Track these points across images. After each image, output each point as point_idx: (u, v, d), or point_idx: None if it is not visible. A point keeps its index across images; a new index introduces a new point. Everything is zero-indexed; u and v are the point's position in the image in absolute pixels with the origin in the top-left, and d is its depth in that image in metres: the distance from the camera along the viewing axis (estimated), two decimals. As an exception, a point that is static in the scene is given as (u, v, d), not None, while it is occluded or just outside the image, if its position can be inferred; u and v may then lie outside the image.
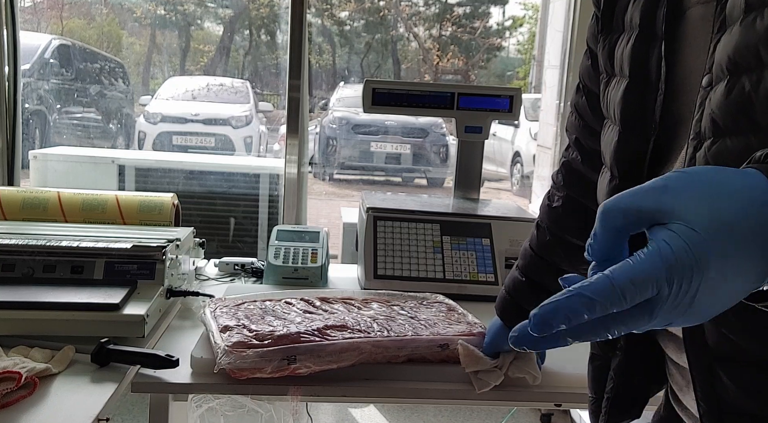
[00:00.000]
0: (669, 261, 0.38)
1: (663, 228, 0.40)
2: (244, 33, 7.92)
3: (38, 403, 0.86)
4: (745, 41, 0.49)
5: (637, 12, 0.65)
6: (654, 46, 0.62)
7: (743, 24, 0.49)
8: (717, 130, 0.51)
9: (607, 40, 0.72)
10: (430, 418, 2.59)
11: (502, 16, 9.24)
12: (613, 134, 0.68)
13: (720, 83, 0.51)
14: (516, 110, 1.80)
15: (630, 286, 0.38)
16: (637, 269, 0.38)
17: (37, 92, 4.90)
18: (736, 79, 0.50)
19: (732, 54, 0.50)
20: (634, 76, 0.65)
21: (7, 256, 1.12)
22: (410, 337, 1.03)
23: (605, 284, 0.38)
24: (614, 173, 0.67)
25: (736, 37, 0.50)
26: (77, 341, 1.01)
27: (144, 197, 1.47)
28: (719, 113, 0.51)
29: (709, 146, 0.52)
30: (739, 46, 0.49)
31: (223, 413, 1.08)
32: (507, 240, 1.50)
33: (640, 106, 0.64)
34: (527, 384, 1.00)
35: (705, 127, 0.53)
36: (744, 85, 0.49)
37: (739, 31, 0.50)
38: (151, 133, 5.78)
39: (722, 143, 0.51)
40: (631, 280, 0.38)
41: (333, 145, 7.02)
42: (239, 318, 1.06)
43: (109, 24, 7.10)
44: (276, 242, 1.54)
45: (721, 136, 0.51)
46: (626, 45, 0.66)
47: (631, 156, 0.65)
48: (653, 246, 0.39)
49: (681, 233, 0.38)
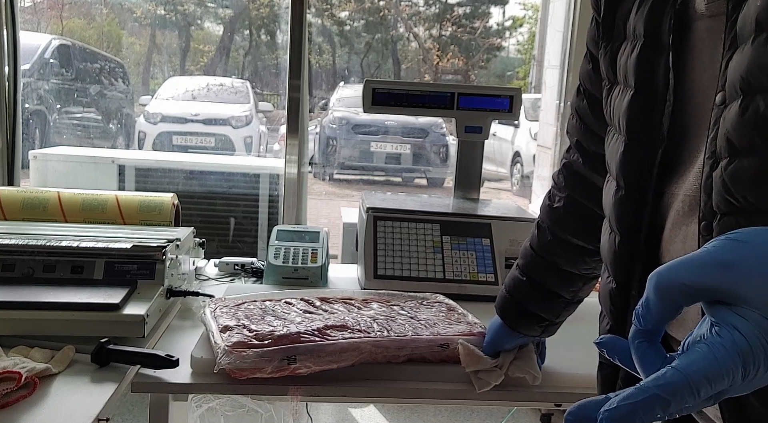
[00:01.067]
0: (744, 352, 0.37)
1: (731, 311, 0.38)
2: (244, 33, 7.92)
3: (38, 403, 0.86)
4: (757, 62, 0.49)
5: (641, 21, 0.64)
6: (660, 56, 0.62)
7: (755, 44, 0.49)
8: (732, 150, 0.51)
9: (609, 47, 0.72)
10: (430, 418, 2.59)
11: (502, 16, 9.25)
12: (619, 145, 0.67)
13: (734, 102, 0.51)
14: (516, 110, 1.80)
15: (705, 383, 0.37)
16: (713, 364, 0.37)
17: (37, 92, 4.90)
18: (750, 99, 0.50)
19: (745, 74, 0.50)
20: (640, 87, 0.64)
21: (7, 256, 1.12)
22: (410, 337, 1.03)
23: (681, 382, 0.37)
24: (620, 184, 0.67)
25: (748, 57, 0.50)
26: (77, 341, 1.01)
27: (144, 197, 1.47)
28: (734, 133, 0.51)
29: (725, 166, 0.52)
30: (751, 67, 0.49)
31: (223, 413, 1.08)
32: (507, 240, 1.50)
33: (647, 116, 0.64)
34: (527, 384, 1.00)
35: (720, 146, 0.53)
36: (759, 106, 0.49)
37: (751, 51, 0.49)
38: (151, 133, 5.78)
39: (738, 163, 0.51)
40: (706, 377, 0.37)
41: (333, 145, 7.02)
42: (239, 318, 1.06)
43: (109, 24, 7.10)
44: (276, 242, 1.54)
45: (737, 156, 0.51)
46: (631, 54, 0.66)
47: (637, 167, 0.65)
48: (725, 335, 0.37)
49: (753, 321, 0.37)
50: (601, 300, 0.73)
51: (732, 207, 0.51)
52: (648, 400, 0.37)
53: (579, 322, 0.94)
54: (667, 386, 0.37)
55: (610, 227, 0.70)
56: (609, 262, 0.69)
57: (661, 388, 0.37)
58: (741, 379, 0.37)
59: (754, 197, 0.50)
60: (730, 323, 0.38)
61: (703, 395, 0.37)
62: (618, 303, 0.68)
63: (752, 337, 0.37)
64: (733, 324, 0.38)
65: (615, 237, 0.68)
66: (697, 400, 0.37)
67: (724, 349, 0.37)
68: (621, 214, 0.67)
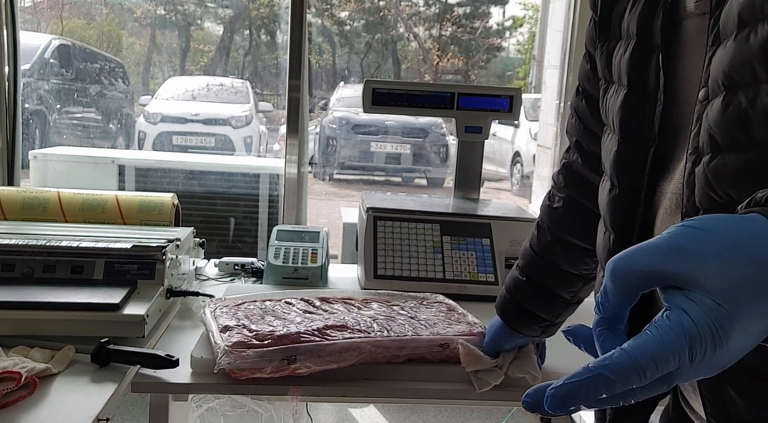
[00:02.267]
0: (691, 335, 0.37)
1: (681, 295, 0.39)
2: (244, 33, 7.92)
3: (38, 403, 0.86)
4: (739, 57, 0.49)
5: (633, 20, 0.65)
6: (652, 55, 0.62)
7: (737, 39, 0.49)
8: (715, 146, 0.51)
9: (605, 47, 0.72)
10: (430, 418, 2.59)
11: (502, 16, 9.25)
12: (613, 144, 0.68)
13: (716, 98, 0.51)
14: (516, 110, 1.80)
15: (651, 364, 0.37)
16: (659, 346, 0.37)
17: (37, 92, 4.90)
18: (732, 94, 0.50)
19: (727, 69, 0.50)
20: (632, 86, 0.64)
21: (7, 256, 1.12)
22: (410, 337, 1.03)
23: (626, 363, 0.37)
24: (614, 183, 0.67)
25: (730, 53, 0.50)
26: (77, 341, 1.01)
27: (144, 197, 1.47)
28: (717, 129, 0.51)
29: (708, 161, 0.52)
30: (733, 62, 0.49)
31: (223, 413, 1.08)
32: (507, 240, 1.50)
33: (639, 115, 0.64)
34: (527, 384, 1.00)
35: (703, 142, 0.53)
36: (741, 101, 0.49)
37: (734, 47, 0.49)
38: (151, 133, 5.78)
39: (721, 159, 0.51)
40: (652, 358, 0.37)
41: (333, 145, 7.02)
42: (239, 318, 1.06)
43: (109, 24, 7.10)
44: (276, 242, 1.54)
45: (720, 151, 0.51)
46: (624, 53, 0.66)
47: (630, 166, 0.65)
48: (674, 317, 0.38)
49: (702, 304, 0.38)
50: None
51: (714, 202, 0.52)
52: (593, 379, 0.38)
53: (578, 322, 0.94)
54: (613, 366, 0.38)
55: (605, 226, 0.70)
56: (604, 261, 0.69)
57: (607, 369, 0.38)
58: (689, 362, 0.37)
59: (735, 193, 0.50)
60: (680, 307, 0.38)
61: (650, 376, 0.37)
62: None
63: (700, 320, 0.37)
64: (683, 307, 0.38)
65: (609, 236, 0.68)
66: (643, 381, 0.37)
67: (672, 331, 0.37)
68: (615, 213, 0.67)
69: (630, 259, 0.41)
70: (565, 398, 0.38)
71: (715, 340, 0.37)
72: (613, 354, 0.38)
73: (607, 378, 0.37)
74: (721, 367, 0.39)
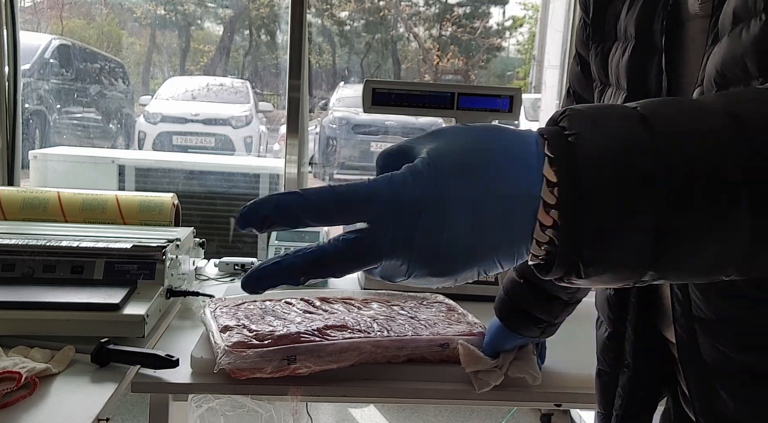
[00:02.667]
0: (394, 186, 0.35)
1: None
2: (244, 33, 7.92)
3: (38, 403, 0.86)
4: (731, 53, 0.48)
5: (632, 22, 0.64)
6: (653, 58, 0.61)
7: (731, 35, 0.48)
8: None
9: (600, 49, 0.71)
10: (430, 418, 2.59)
11: (502, 16, 9.25)
12: None
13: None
14: (516, 110, 1.80)
15: (350, 193, 0.36)
16: (361, 186, 0.36)
17: (37, 92, 4.90)
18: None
19: (720, 67, 0.49)
20: (632, 89, 0.64)
21: (7, 256, 1.12)
22: (410, 337, 1.03)
23: (325, 188, 0.36)
24: None
25: (723, 50, 0.49)
26: (77, 341, 1.01)
27: (144, 197, 1.47)
28: None
29: None
30: (726, 59, 0.48)
31: (223, 413, 1.08)
32: (507, 240, 1.50)
33: None
34: (527, 384, 1.00)
35: None
36: None
37: (727, 43, 0.49)
38: (151, 133, 5.78)
39: None
40: (353, 191, 0.36)
41: (333, 145, 7.01)
42: (239, 318, 1.07)
43: (109, 24, 7.11)
44: (276, 242, 1.54)
45: None
46: (622, 56, 0.65)
47: None
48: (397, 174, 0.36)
49: (414, 165, 0.36)
50: (599, 307, 0.73)
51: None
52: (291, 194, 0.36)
53: (578, 322, 0.94)
54: (313, 188, 0.36)
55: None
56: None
57: (308, 190, 0.36)
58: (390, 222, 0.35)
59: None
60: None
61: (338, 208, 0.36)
62: (615, 309, 0.68)
63: (404, 177, 0.36)
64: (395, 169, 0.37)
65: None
66: (331, 208, 0.36)
67: (374, 181, 0.36)
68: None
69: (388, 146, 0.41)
70: (257, 206, 0.36)
71: (419, 202, 0.35)
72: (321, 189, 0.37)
73: (300, 194, 0.36)
74: (449, 245, 0.36)
